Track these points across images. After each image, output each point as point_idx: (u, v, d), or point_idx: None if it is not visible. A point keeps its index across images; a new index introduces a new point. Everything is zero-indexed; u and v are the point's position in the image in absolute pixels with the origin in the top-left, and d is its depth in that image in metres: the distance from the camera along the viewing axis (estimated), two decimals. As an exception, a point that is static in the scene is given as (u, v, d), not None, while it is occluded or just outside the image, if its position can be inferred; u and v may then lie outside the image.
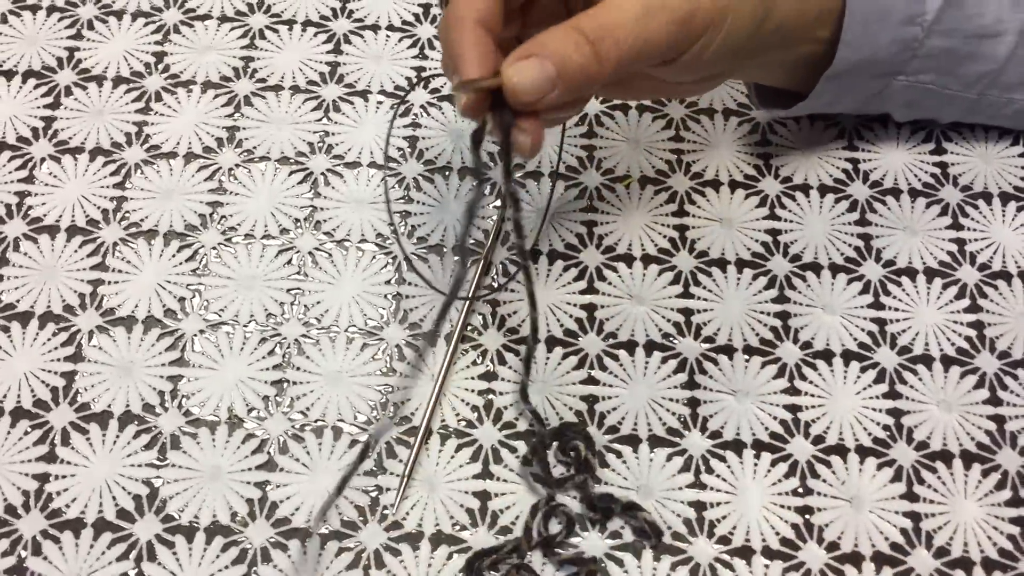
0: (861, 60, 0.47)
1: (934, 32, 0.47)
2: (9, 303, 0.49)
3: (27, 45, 0.57)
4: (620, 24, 0.37)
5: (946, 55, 0.48)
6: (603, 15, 0.37)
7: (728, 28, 0.40)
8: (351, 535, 0.44)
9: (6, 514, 0.44)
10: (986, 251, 0.52)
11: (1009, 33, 0.48)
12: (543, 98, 0.36)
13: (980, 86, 0.50)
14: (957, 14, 0.47)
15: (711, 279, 0.51)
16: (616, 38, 0.37)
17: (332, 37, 0.58)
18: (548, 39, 0.36)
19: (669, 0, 0.38)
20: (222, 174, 0.53)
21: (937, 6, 0.47)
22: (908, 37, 0.47)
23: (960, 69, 0.49)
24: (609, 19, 0.37)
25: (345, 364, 0.48)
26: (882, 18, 0.46)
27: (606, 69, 0.37)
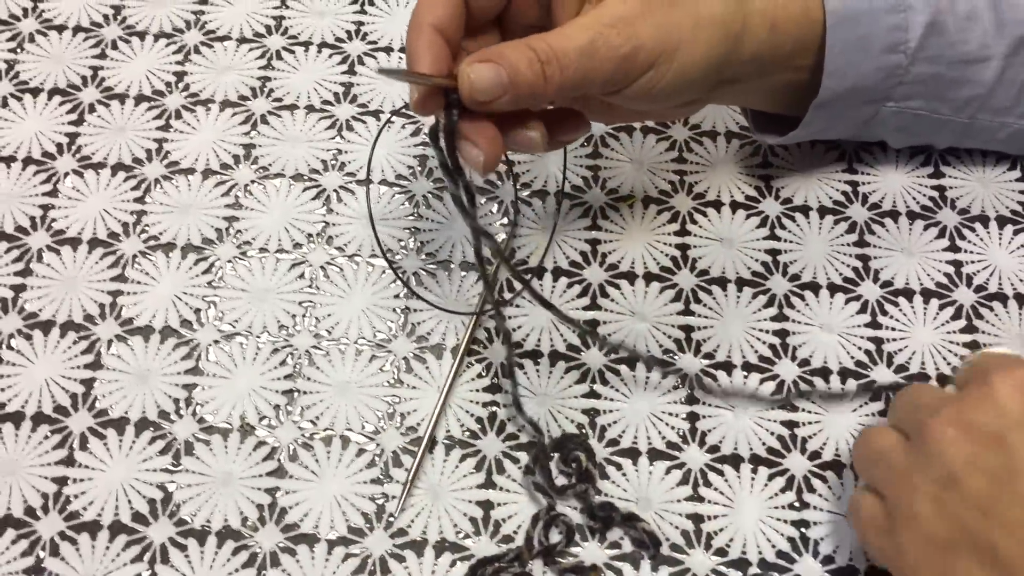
0: (846, 88, 0.48)
1: (919, 59, 0.48)
2: (32, 312, 0.50)
3: (53, 64, 0.59)
4: (566, 52, 0.40)
5: (933, 81, 0.50)
6: (554, 40, 0.40)
7: (680, 63, 0.42)
8: (357, 541, 0.45)
9: (26, 515, 0.45)
10: (982, 273, 0.53)
11: (995, 58, 0.49)
12: (495, 101, 0.40)
13: (970, 110, 0.51)
14: (941, 41, 0.49)
15: (711, 297, 0.52)
16: (561, 64, 0.40)
17: (346, 59, 0.60)
18: (506, 50, 0.40)
19: (613, 38, 0.41)
20: (238, 190, 0.55)
21: (919, 33, 0.48)
22: (892, 64, 0.49)
23: (948, 94, 0.50)
24: (558, 45, 0.40)
25: (354, 375, 0.49)
26: (863, 47, 0.48)
27: (550, 89, 0.40)
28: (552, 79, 0.40)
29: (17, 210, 0.53)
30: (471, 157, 0.41)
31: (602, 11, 0.41)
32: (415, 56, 0.41)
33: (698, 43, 0.43)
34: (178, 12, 0.61)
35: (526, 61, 0.39)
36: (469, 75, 0.39)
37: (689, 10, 0.42)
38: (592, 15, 0.41)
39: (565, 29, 0.41)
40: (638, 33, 0.41)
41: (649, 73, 0.42)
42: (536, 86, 0.40)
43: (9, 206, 0.53)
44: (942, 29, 0.48)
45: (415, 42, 0.41)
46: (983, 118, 0.51)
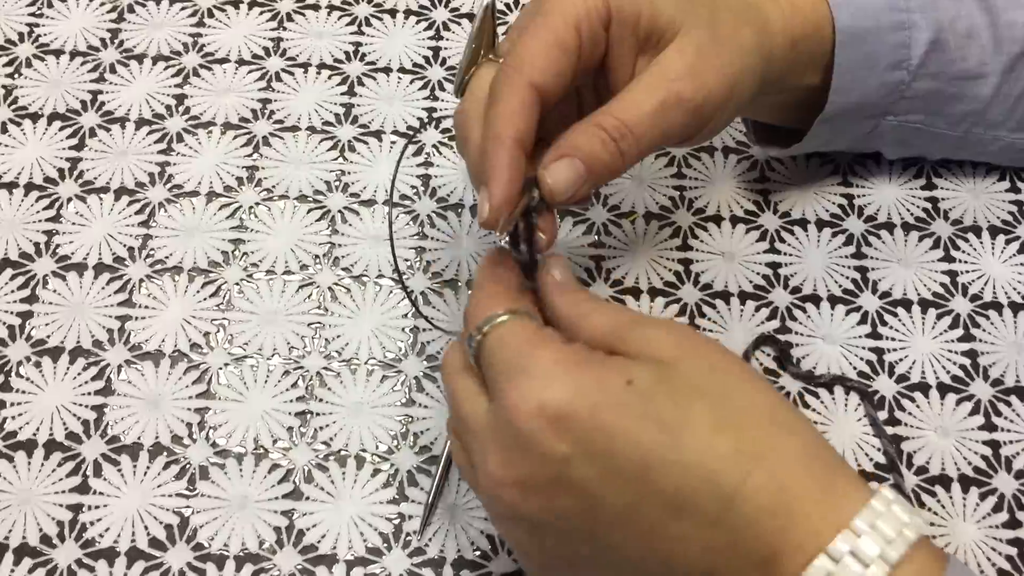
0: (851, 104, 0.50)
1: (920, 75, 0.50)
2: (40, 339, 0.50)
3: (52, 88, 0.59)
4: (639, 121, 0.39)
5: (933, 96, 0.51)
6: (622, 112, 0.39)
7: (737, 99, 0.43)
8: (376, 561, 0.45)
9: (42, 544, 0.45)
10: (977, 282, 0.54)
11: (992, 74, 0.51)
12: (576, 194, 0.39)
13: (966, 124, 0.53)
14: (942, 58, 0.50)
15: (715, 311, 0.53)
16: (636, 135, 0.39)
17: (346, 79, 0.60)
18: (577, 139, 0.39)
19: (683, 92, 0.40)
20: (243, 212, 0.55)
21: (922, 51, 0.49)
22: (895, 80, 0.50)
23: (946, 108, 0.52)
24: (628, 116, 0.39)
25: (366, 395, 0.50)
26: (869, 64, 0.49)
27: (628, 162, 0.40)
28: (629, 154, 0.39)
29: (21, 236, 0.53)
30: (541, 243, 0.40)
31: (665, 67, 0.40)
32: (496, 177, 0.38)
33: (748, 76, 0.43)
34: (175, 35, 0.61)
35: (600, 144, 0.39)
36: (547, 180, 0.39)
37: (734, 45, 0.42)
38: (656, 73, 0.40)
39: (632, 95, 0.40)
40: (706, 82, 0.40)
41: (715, 116, 0.42)
42: (614, 166, 0.39)
43: (12, 232, 0.53)
44: (943, 46, 0.49)
45: (497, 159, 0.38)
46: (977, 132, 0.53)
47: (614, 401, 0.33)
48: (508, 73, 0.39)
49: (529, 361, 0.34)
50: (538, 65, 0.39)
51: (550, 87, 0.39)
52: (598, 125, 0.39)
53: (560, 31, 0.39)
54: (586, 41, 0.40)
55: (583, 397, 0.33)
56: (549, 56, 0.39)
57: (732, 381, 0.34)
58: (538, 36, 0.39)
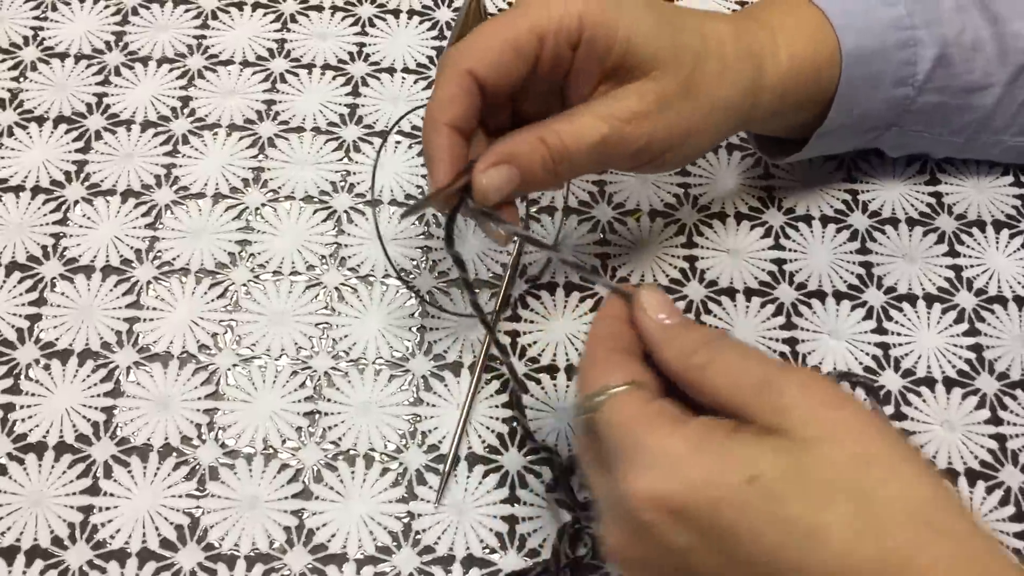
0: (853, 119, 0.50)
1: (926, 90, 0.50)
2: (48, 341, 0.50)
3: (57, 92, 0.59)
4: (579, 149, 0.41)
5: (937, 109, 0.51)
6: (567, 135, 0.41)
7: (689, 148, 0.44)
8: (385, 560, 0.46)
9: (53, 546, 0.45)
10: (982, 277, 0.55)
11: (996, 85, 0.51)
12: (505, 196, 0.41)
13: (969, 132, 0.53)
14: (947, 72, 0.50)
15: (721, 308, 0.53)
16: (573, 162, 0.41)
17: (350, 80, 0.60)
18: (518, 148, 0.40)
19: (627, 134, 0.41)
20: (249, 213, 0.55)
21: (928, 67, 0.49)
22: (900, 96, 0.50)
23: (950, 119, 0.52)
24: (571, 141, 0.41)
25: (374, 395, 0.50)
26: (873, 83, 0.49)
27: (559, 181, 0.42)
28: (562, 175, 0.41)
29: (28, 239, 0.53)
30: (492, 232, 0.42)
31: (618, 104, 0.41)
32: (433, 160, 0.41)
33: (708, 129, 0.44)
34: (179, 37, 0.61)
35: (539, 160, 0.40)
36: (482, 181, 0.40)
37: (704, 101, 0.43)
38: (606, 106, 0.41)
39: (580, 120, 0.41)
40: (652, 130, 0.41)
41: (659, 158, 0.43)
42: (546, 182, 0.41)
43: (20, 236, 0.53)
44: (949, 61, 0.49)
45: (433, 144, 0.41)
46: (981, 137, 0.53)
47: (737, 500, 0.30)
48: (449, 61, 0.41)
49: (643, 446, 0.32)
50: (483, 57, 0.40)
51: (492, 80, 0.40)
52: (541, 140, 0.40)
53: (521, 34, 0.40)
54: (547, 53, 0.41)
55: (702, 492, 0.30)
56: (499, 52, 0.40)
57: (878, 472, 0.30)
58: (495, 31, 0.40)
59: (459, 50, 0.40)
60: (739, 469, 0.30)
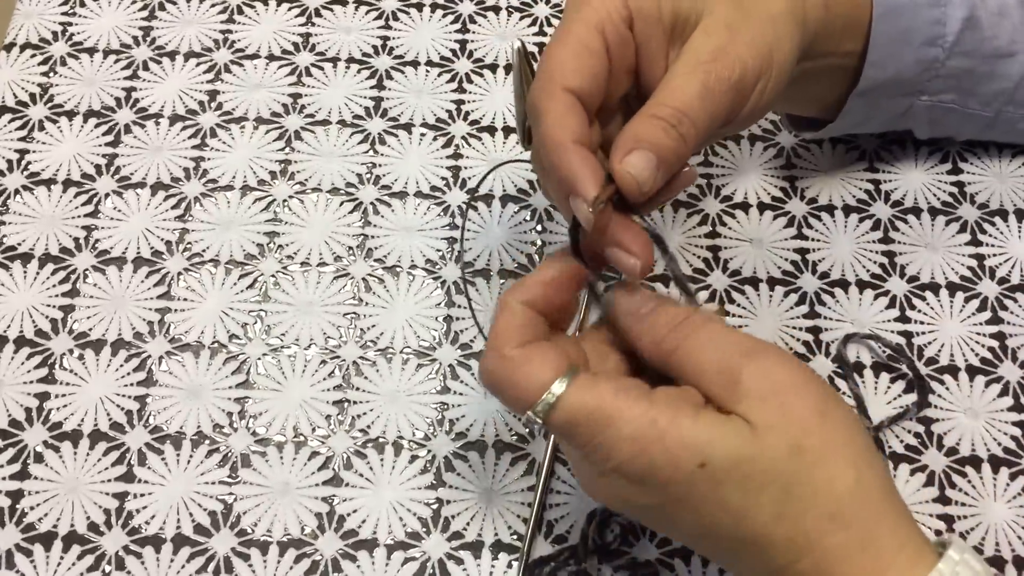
0: (887, 79, 0.50)
1: (954, 53, 0.50)
2: (82, 331, 0.51)
3: (86, 86, 0.60)
4: (689, 105, 0.39)
5: (966, 75, 0.52)
6: (671, 98, 0.39)
7: (778, 68, 0.42)
8: (415, 545, 0.46)
9: (89, 531, 0.46)
10: (1004, 265, 0.55)
11: (1022, 53, 0.51)
12: (653, 184, 0.38)
13: (997, 104, 0.53)
14: (975, 35, 0.51)
15: (745, 297, 0.54)
16: (691, 119, 0.39)
17: (375, 73, 0.61)
18: (637, 130, 0.38)
19: (721, 71, 0.40)
20: (277, 205, 0.56)
21: (957, 28, 0.50)
22: (930, 57, 0.50)
23: (979, 88, 0.52)
24: (679, 101, 0.39)
25: (402, 384, 0.50)
26: (905, 39, 0.49)
27: (690, 148, 0.39)
28: (689, 137, 0.39)
29: (61, 232, 0.54)
30: (628, 266, 0.38)
31: (696, 50, 0.40)
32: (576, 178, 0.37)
33: (783, 42, 0.43)
34: (206, 32, 0.62)
35: (662, 132, 0.38)
36: (629, 172, 0.37)
37: (763, 15, 0.42)
38: (687, 59, 0.40)
39: (673, 83, 0.39)
40: (740, 56, 0.40)
41: (757, 88, 0.42)
42: (680, 151, 0.38)
43: (53, 228, 0.54)
44: (977, 24, 0.50)
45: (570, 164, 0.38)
46: (1008, 111, 0.53)
47: (686, 481, 0.34)
48: (542, 85, 0.39)
49: (612, 432, 0.35)
50: (568, 69, 0.39)
51: (586, 89, 0.39)
52: (653, 115, 0.39)
53: (583, 35, 0.39)
54: (613, 42, 0.40)
55: (657, 473, 0.34)
56: (577, 59, 0.39)
57: (806, 467, 0.34)
58: (562, 43, 0.40)
59: (547, 71, 0.39)
60: (696, 453, 0.34)
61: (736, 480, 0.34)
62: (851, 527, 0.34)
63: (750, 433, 0.34)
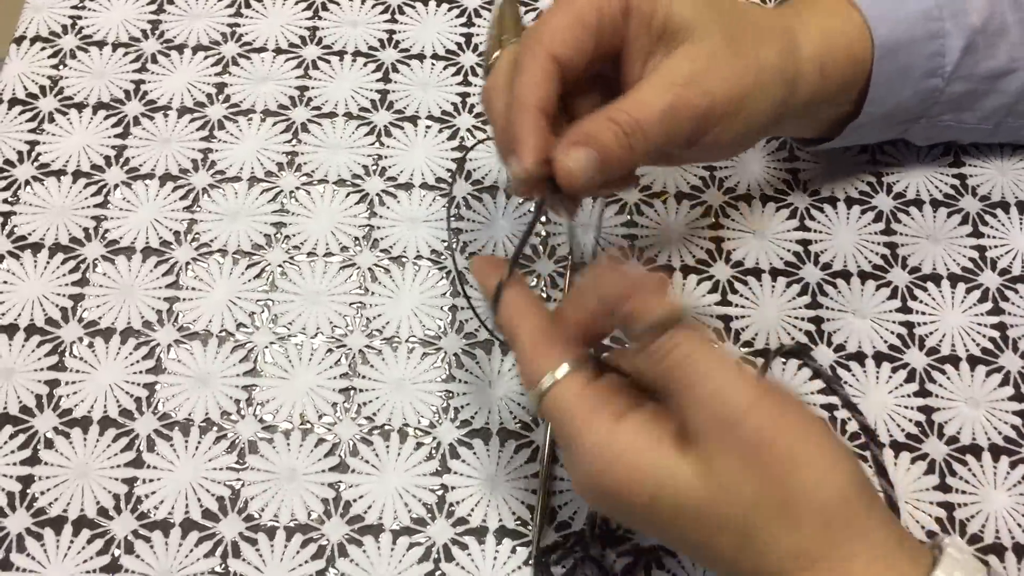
0: (885, 112, 0.51)
1: (953, 80, 0.50)
2: (91, 320, 0.52)
3: (95, 79, 0.60)
4: (648, 120, 0.41)
5: (965, 97, 0.52)
6: (634, 108, 0.41)
7: (747, 113, 0.44)
8: (420, 530, 0.47)
9: (99, 516, 0.47)
10: (1006, 257, 0.55)
11: (1021, 69, 0.51)
12: (588, 182, 0.40)
13: (996, 118, 0.54)
14: (972, 59, 0.50)
15: (747, 287, 0.54)
16: (645, 132, 0.41)
17: (381, 66, 0.62)
18: (591, 128, 0.40)
19: (691, 98, 0.41)
20: (284, 196, 0.56)
21: (955, 58, 0.50)
22: (929, 88, 0.51)
23: (977, 105, 0.52)
24: (640, 114, 0.41)
25: (407, 372, 0.51)
26: (905, 75, 0.50)
27: (635, 158, 0.41)
28: (637, 149, 0.40)
29: (71, 222, 0.55)
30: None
31: (673, 70, 0.41)
32: (522, 141, 0.40)
33: (762, 92, 0.44)
34: (214, 25, 0.63)
35: (612, 136, 0.40)
36: (567, 164, 0.39)
37: (751, 60, 0.43)
38: (663, 75, 0.41)
39: (642, 94, 0.41)
40: (711, 89, 0.41)
41: (719, 127, 0.43)
42: (624, 159, 0.40)
43: (63, 218, 0.55)
44: (974, 48, 0.50)
45: (522, 126, 0.40)
46: (1008, 122, 0.54)
47: (642, 510, 0.35)
48: (531, 45, 0.41)
49: (578, 440, 0.36)
50: (559, 38, 0.41)
51: (570, 60, 0.41)
52: (611, 119, 0.40)
53: (583, 9, 0.41)
54: (605, 25, 0.42)
55: (618, 495, 0.36)
56: (570, 30, 0.41)
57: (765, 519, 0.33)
58: (561, 12, 0.41)
59: (539, 33, 0.41)
60: (644, 489, 0.35)
61: (690, 519, 0.34)
62: (817, 563, 0.33)
63: (704, 480, 0.34)
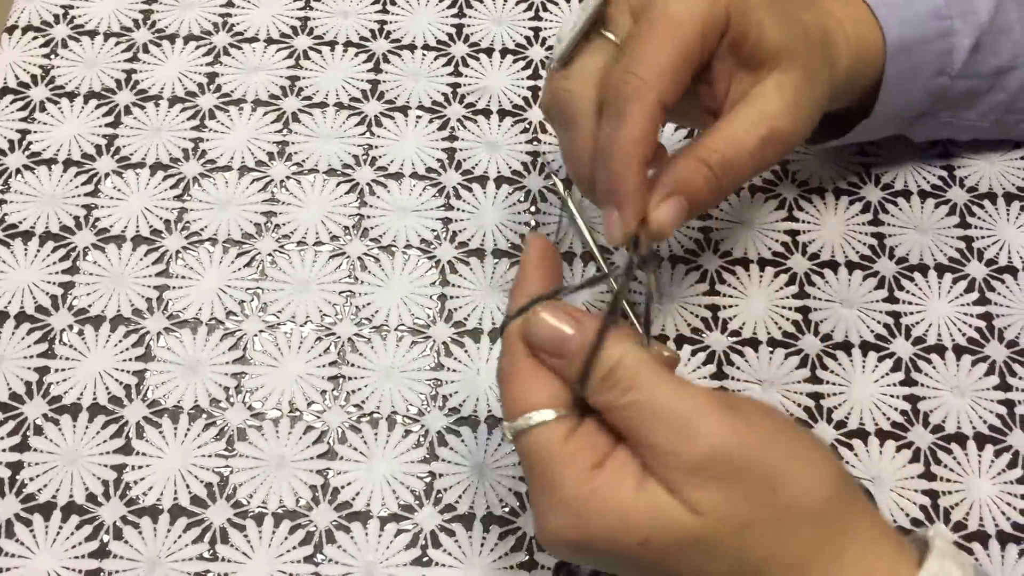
0: (894, 111, 0.51)
1: (959, 77, 0.51)
2: (82, 307, 0.52)
3: (87, 68, 0.60)
4: (741, 159, 0.39)
5: (968, 94, 0.52)
6: (726, 148, 0.39)
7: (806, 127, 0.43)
8: (408, 517, 0.47)
9: (88, 502, 0.47)
10: (992, 247, 0.56)
11: (1021, 67, 0.52)
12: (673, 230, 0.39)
13: (995, 114, 0.54)
14: (977, 57, 0.51)
15: (735, 277, 0.54)
16: (736, 171, 0.39)
17: (372, 56, 0.62)
18: (682, 175, 0.39)
19: (783, 130, 0.40)
20: (274, 186, 0.56)
21: (963, 57, 0.50)
22: (938, 87, 0.51)
23: (978, 102, 0.53)
24: (732, 153, 0.39)
25: (396, 360, 0.51)
26: (915, 74, 0.50)
27: (725, 195, 0.41)
28: (727, 189, 0.39)
29: (61, 211, 0.55)
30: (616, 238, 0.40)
31: (767, 102, 0.40)
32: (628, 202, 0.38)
33: (821, 111, 0.44)
34: (206, 15, 0.63)
35: (703, 181, 0.38)
36: (660, 219, 0.38)
37: (818, 84, 0.42)
38: (757, 108, 0.40)
39: (734, 129, 0.39)
40: (798, 119, 0.40)
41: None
42: (712, 201, 0.39)
43: (53, 207, 0.55)
44: (980, 46, 0.50)
45: (627, 183, 0.38)
46: (1006, 119, 0.54)
47: (630, 555, 0.34)
48: (640, 89, 0.38)
49: (554, 488, 0.34)
50: (667, 82, 0.38)
51: (673, 102, 0.38)
52: (703, 162, 0.39)
53: (689, 41, 0.38)
54: (706, 53, 0.39)
55: (600, 543, 0.34)
56: (678, 72, 0.38)
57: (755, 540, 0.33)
58: (667, 46, 0.38)
59: (646, 72, 0.38)
60: (635, 532, 0.33)
61: (683, 555, 0.33)
62: (810, 565, 0.33)
63: (694, 516, 0.33)
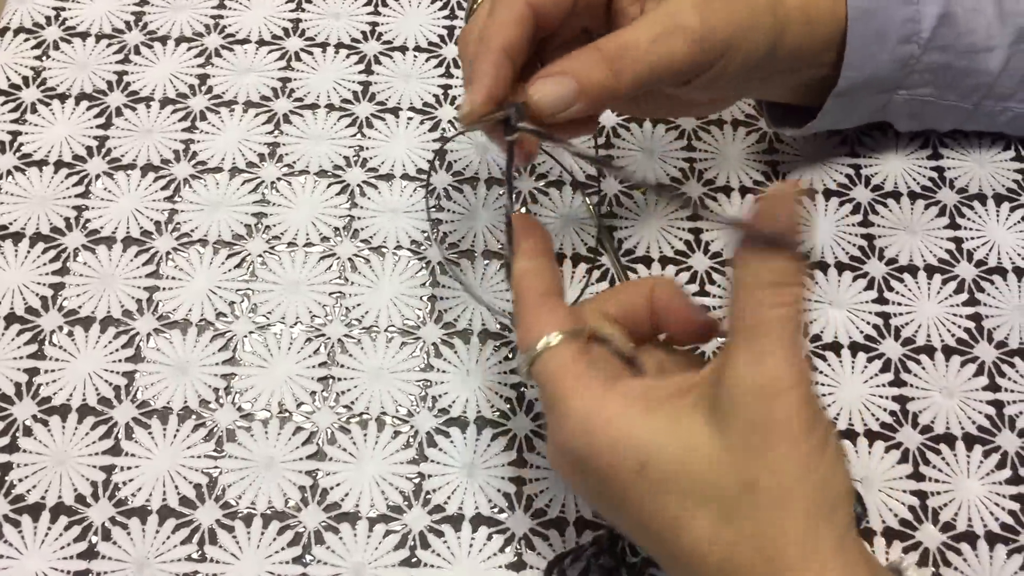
0: (864, 79, 0.51)
1: (930, 49, 0.51)
2: (72, 308, 0.52)
3: (79, 70, 0.60)
4: (636, 44, 0.40)
5: (943, 70, 0.52)
6: (621, 35, 0.41)
7: (746, 49, 0.43)
8: (397, 518, 0.47)
9: (76, 503, 0.47)
10: (982, 248, 0.56)
11: (1000, 47, 0.52)
12: (566, 111, 0.40)
13: (976, 96, 0.54)
14: (950, 31, 0.51)
15: (725, 278, 0.54)
16: (633, 57, 0.40)
17: (363, 58, 0.62)
18: (570, 59, 0.40)
19: (686, 21, 0.41)
20: (265, 187, 0.57)
21: (931, 25, 0.50)
22: (905, 55, 0.51)
23: (957, 82, 0.53)
24: (627, 39, 0.40)
25: (386, 361, 0.51)
26: (880, 39, 0.50)
27: (623, 84, 0.40)
28: (623, 74, 0.40)
29: (52, 212, 0.55)
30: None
31: (672, 3, 0.41)
32: (477, 79, 0.40)
33: (757, 34, 0.44)
34: (197, 17, 0.63)
35: (593, 63, 0.39)
36: (533, 94, 0.39)
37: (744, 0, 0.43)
38: (661, 8, 0.41)
39: (635, 25, 0.41)
40: (710, 19, 0.41)
41: (721, 60, 0.43)
42: (607, 84, 0.40)
43: (44, 208, 0.55)
44: (952, 20, 0.51)
45: (481, 64, 0.40)
46: (988, 104, 0.54)
47: (625, 479, 0.34)
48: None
49: (564, 403, 0.36)
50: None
51: (547, 7, 0.41)
52: (595, 46, 0.40)
53: None
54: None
55: (600, 460, 0.35)
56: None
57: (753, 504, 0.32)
58: None
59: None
60: (634, 455, 0.34)
61: (675, 490, 0.33)
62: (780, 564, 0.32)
63: (704, 447, 0.33)
